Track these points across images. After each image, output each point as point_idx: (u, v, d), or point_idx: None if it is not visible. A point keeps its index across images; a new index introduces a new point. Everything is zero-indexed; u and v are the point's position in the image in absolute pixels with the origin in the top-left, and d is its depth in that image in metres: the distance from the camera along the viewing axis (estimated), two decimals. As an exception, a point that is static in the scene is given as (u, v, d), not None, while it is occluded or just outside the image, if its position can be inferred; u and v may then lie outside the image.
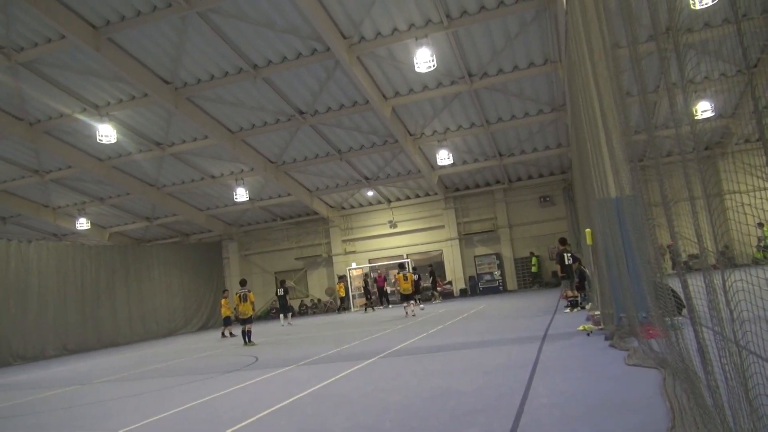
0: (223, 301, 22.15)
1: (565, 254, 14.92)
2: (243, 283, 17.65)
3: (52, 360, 21.11)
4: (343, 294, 28.57)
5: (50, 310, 23.22)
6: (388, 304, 28.26)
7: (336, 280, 31.70)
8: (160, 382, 10.47)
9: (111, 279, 26.77)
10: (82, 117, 20.47)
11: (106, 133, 20.05)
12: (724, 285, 2.56)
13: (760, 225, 15.19)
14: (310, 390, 7.35)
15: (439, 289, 28.69)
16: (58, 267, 24.07)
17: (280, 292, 24.00)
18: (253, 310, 16.94)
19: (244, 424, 5.85)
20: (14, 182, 25.83)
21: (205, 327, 31.07)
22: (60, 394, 10.50)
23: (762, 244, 19.34)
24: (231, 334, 20.65)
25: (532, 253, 29.25)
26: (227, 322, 21.23)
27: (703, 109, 19.94)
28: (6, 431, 7.44)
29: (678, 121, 3.17)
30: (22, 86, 18.82)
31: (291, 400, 6.85)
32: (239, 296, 16.69)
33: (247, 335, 16.20)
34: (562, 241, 15.53)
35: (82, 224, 29.15)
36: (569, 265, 14.60)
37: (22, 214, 28.82)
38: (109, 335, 25.65)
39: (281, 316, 24.21)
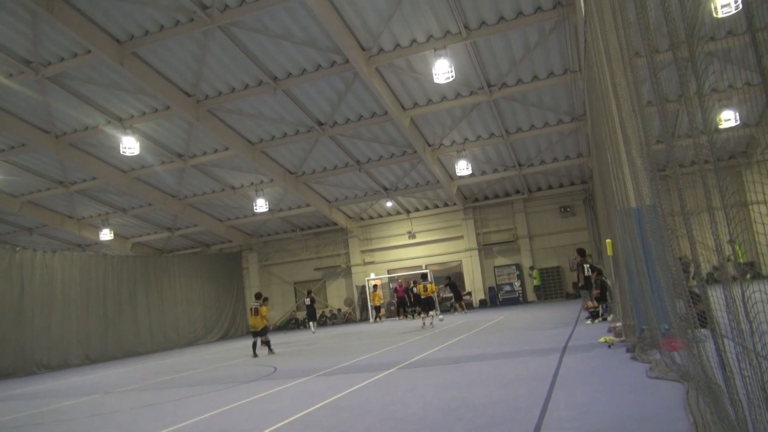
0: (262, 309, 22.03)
1: (584, 265, 14.75)
2: (257, 296, 17.59)
3: (75, 369, 21.40)
4: (378, 303, 28.48)
5: (73, 319, 23.56)
6: (406, 315, 28.17)
7: (355, 290, 31.81)
8: (179, 391, 10.55)
9: (133, 289, 27.10)
10: (106, 129, 20.89)
11: (130, 145, 20.42)
12: (743, 296, 2.52)
13: (732, 242, 13.71)
14: (327, 401, 7.35)
15: (462, 301, 28.22)
16: (82, 277, 24.45)
17: (308, 301, 26.40)
18: (266, 322, 16.77)
19: (261, 434, 5.86)
20: (40, 193, 26.40)
21: (225, 337, 31.26)
22: (81, 403, 10.63)
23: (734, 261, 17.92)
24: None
25: (532, 267, 29.06)
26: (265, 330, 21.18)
27: (727, 118, 19.63)
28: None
29: (697, 131, 3.13)
30: (49, 100, 19.30)
31: (308, 411, 6.85)
32: (251, 309, 16.79)
33: (266, 345, 16.41)
34: (581, 252, 15.36)
35: (106, 235, 29.66)
36: (588, 276, 14.42)
37: (47, 224, 29.41)
38: (130, 345, 25.92)
39: (310, 323, 26.20)
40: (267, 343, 16.56)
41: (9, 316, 21.05)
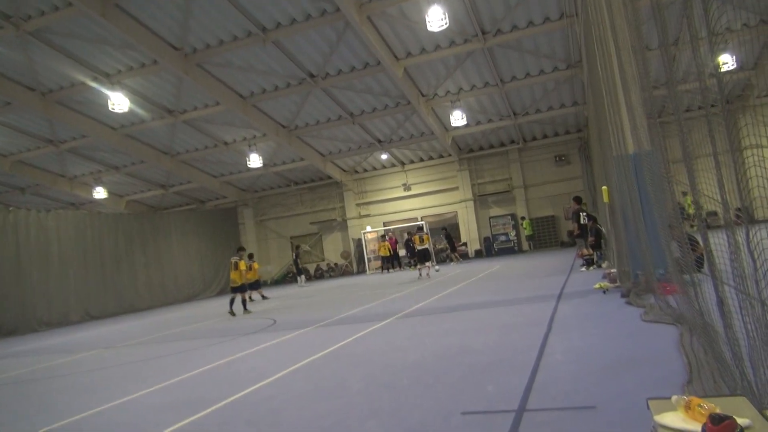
0: (254, 265, 21.96)
1: (581, 213, 14.82)
2: (238, 250, 16.82)
3: (76, 326, 21.65)
4: (386, 253, 28.51)
5: (71, 277, 23.69)
6: (401, 266, 28.49)
7: (351, 243, 31.99)
8: (181, 344, 10.71)
9: (129, 246, 27.17)
10: (93, 85, 20.45)
11: (118, 101, 20.10)
12: (747, 239, 2.52)
13: (684, 194, 12.45)
14: (328, 350, 7.47)
15: (456, 252, 28.54)
16: (77, 235, 24.46)
17: (293, 256, 27.57)
18: (243, 279, 15.84)
19: (263, 383, 5.98)
20: (30, 153, 26.08)
21: (223, 292, 31.51)
22: (86, 358, 10.80)
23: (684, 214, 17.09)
24: (262, 296, 20.85)
25: (523, 218, 29.24)
26: (257, 285, 21.24)
27: (724, 61, 19.36)
28: (40, 393, 7.69)
29: (701, 74, 3.07)
30: (32, 56, 18.79)
31: (309, 360, 6.97)
32: (231, 264, 15.86)
33: (238, 303, 15.60)
34: (578, 200, 15.40)
35: (99, 193, 29.55)
36: (585, 224, 14.51)
37: (39, 184, 29.21)
38: (129, 301, 26.18)
39: (298, 278, 26.94)
40: (243, 301, 15.87)
41: (7, 276, 21.16)
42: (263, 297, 20.64)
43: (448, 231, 28.50)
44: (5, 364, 11.70)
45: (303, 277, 27.17)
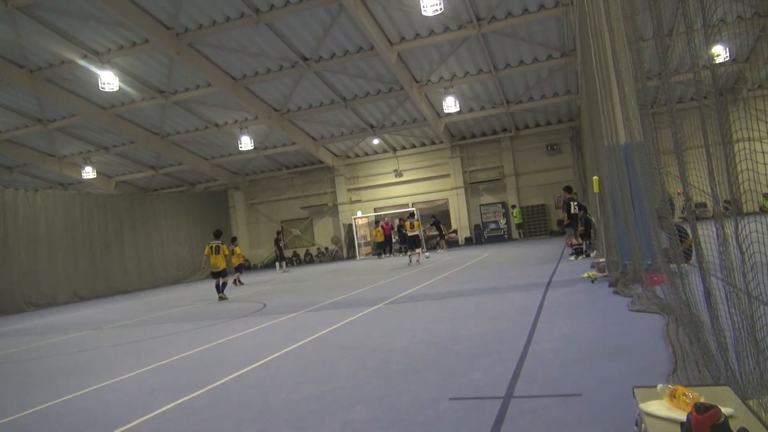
0: (236, 249, 21.87)
1: (571, 202, 14.89)
2: (217, 234, 16.23)
3: (64, 306, 21.54)
4: (380, 239, 28.41)
5: (60, 258, 23.52)
6: (391, 252, 28.55)
7: (342, 228, 31.96)
8: (170, 327, 10.70)
9: (119, 227, 26.98)
10: (83, 63, 20.16)
11: (108, 80, 19.85)
12: (736, 232, 2.54)
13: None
14: (317, 335, 7.50)
15: (445, 237, 28.66)
16: (66, 216, 24.24)
17: (275, 240, 27.20)
18: (226, 263, 15.63)
19: (252, 367, 5.99)
20: (18, 131, 25.74)
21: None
22: (72, 339, 10.76)
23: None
24: (239, 282, 20.73)
25: (513, 206, 29.35)
26: (239, 269, 21.30)
27: (717, 53, 19.40)
28: (27, 373, 7.67)
29: (695, 65, 3.07)
30: (21, 32, 18.47)
31: (298, 344, 6.99)
32: (211, 248, 15.48)
33: (221, 288, 15.29)
34: (568, 189, 15.46)
35: (88, 173, 29.26)
36: (575, 214, 14.59)
37: (27, 163, 28.88)
38: (118, 283, 26.05)
39: (277, 264, 26.65)
40: (224, 285, 15.41)
41: (-6, 255, 20.99)
42: (236, 282, 20.06)
43: (437, 218, 28.55)
44: (-8, 344, 11.64)
45: (283, 263, 26.32)
